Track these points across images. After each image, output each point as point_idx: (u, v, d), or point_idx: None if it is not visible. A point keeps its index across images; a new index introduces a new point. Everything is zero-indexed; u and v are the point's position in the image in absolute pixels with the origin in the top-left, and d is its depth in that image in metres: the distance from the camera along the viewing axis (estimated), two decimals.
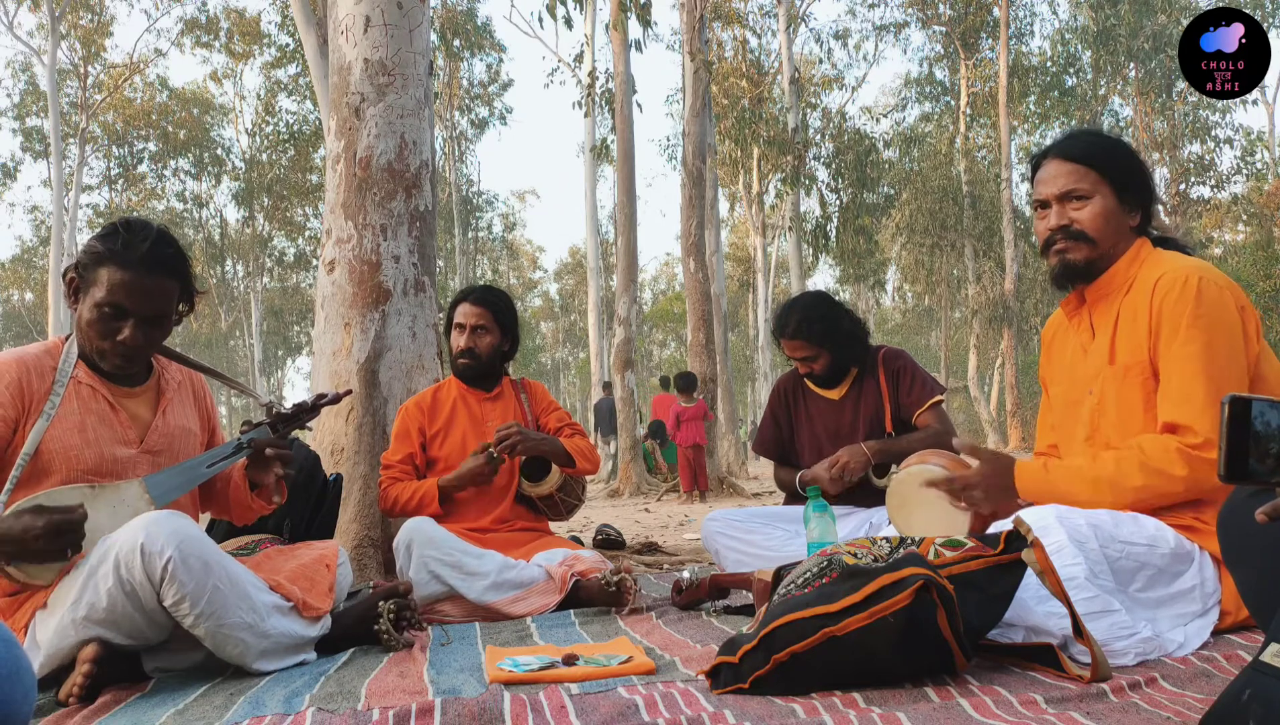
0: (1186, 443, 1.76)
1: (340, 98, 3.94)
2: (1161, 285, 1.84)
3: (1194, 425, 1.76)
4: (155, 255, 1.97)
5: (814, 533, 2.32)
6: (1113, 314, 1.93)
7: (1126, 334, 1.89)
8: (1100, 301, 1.97)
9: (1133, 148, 2.00)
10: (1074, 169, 1.95)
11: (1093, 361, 1.96)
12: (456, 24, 24.15)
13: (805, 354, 2.98)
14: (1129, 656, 1.58)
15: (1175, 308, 1.81)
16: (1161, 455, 1.78)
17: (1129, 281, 1.93)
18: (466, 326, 3.02)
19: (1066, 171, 1.95)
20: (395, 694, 1.70)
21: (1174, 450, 1.77)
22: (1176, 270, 1.84)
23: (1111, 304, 1.94)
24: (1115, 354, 1.91)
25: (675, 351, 43.47)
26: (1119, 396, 1.89)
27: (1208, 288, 1.81)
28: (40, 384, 1.99)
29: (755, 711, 1.41)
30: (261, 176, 26.78)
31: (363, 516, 3.61)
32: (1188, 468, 1.75)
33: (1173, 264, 1.86)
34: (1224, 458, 1.04)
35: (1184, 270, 1.83)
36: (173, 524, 1.82)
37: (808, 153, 18.98)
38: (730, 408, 15.97)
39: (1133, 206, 1.95)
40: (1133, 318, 1.88)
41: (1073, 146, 1.97)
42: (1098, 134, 2.05)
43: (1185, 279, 1.81)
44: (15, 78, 25.77)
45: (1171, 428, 1.80)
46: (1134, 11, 21.58)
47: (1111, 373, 1.91)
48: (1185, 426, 1.77)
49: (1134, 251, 1.94)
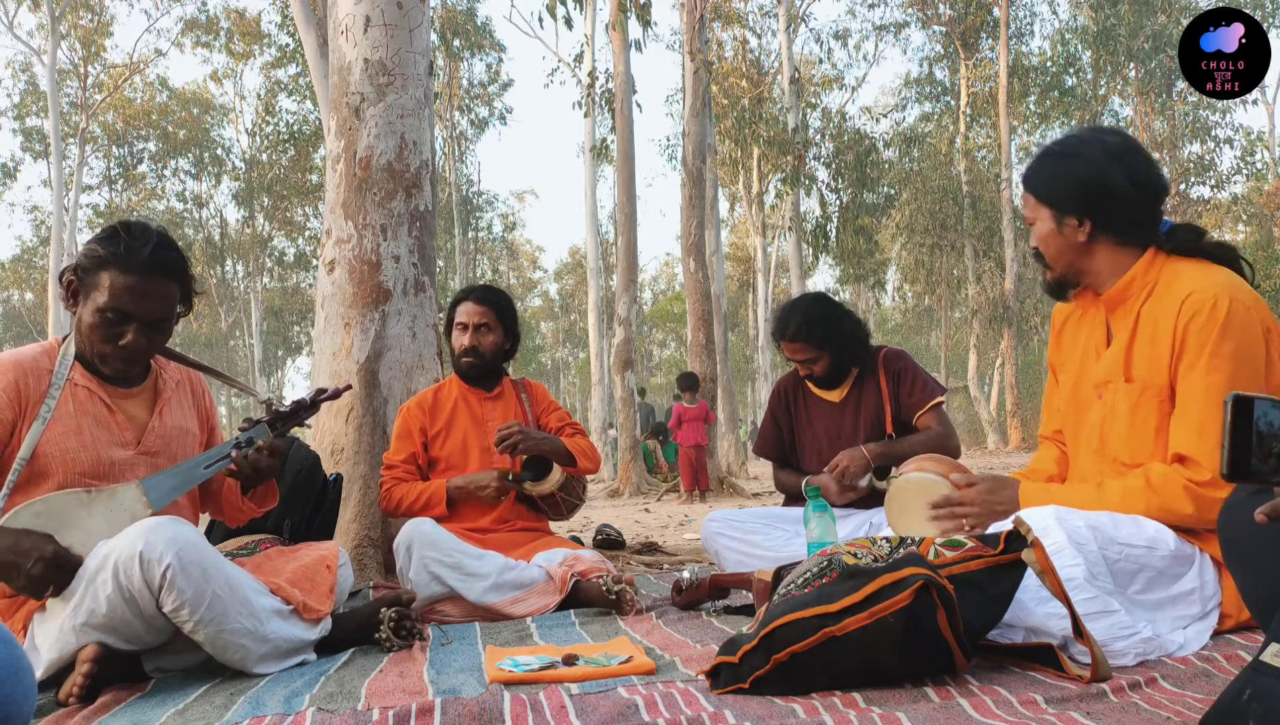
0: (1194, 478, 1.73)
1: (340, 98, 3.94)
2: (1189, 305, 1.76)
3: (1204, 462, 1.72)
4: (157, 259, 1.96)
5: (814, 533, 2.32)
6: (1131, 320, 1.88)
7: (1146, 349, 1.84)
8: (1118, 306, 1.93)
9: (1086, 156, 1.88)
10: (1025, 196, 2.00)
11: (1106, 367, 1.92)
12: (456, 24, 24.13)
13: (806, 356, 2.98)
14: (1129, 657, 1.58)
15: (1202, 332, 1.74)
16: (1168, 490, 1.75)
17: (1147, 287, 1.87)
18: (469, 325, 3.01)
19: (1024, 200, 2.01)
20: (395, 694, 1.70)
21: (1181, 487, 1.74)
22: (1205, 289, 1.76)
23: (1130, 310, 1.89)
24: (1132, 368, 1.86)
25: (675, 351, 43.46)
26: (1132, 414, 1.85)
27: (1237, 312, 1.73)
28: (37, 386, 1.98)
29: (755, 711, 1.41)
30: (261, 176, 26.77)
31: (363, 516, 3.61)
32: (1195, 505, 1.73)
33: (1202, 281, 1.78)
34: (1226, 457, 1.04)
35: (1213, 290, 1.75)
36: (171, 530, 1.81)
37: (808, 153, 18.98)
38: (730, 408, 15.96)
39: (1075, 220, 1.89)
40: (1153, 331, 1.83)
41: (1025, 174, 1.99)
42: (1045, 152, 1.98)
43: (1215, 302, 1.74)
44: (15, 78, 25.86)
45: (1181, 459, 1.76)
46: (1134, 11, 21.56)
47: (1127, 389, 1.86)
48: (1195, 462, 1.73)
49: (1148, 260, 1.88)
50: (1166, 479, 1.76)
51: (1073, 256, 1.94)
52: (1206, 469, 1.72)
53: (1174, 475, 1.75)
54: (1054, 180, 1.92)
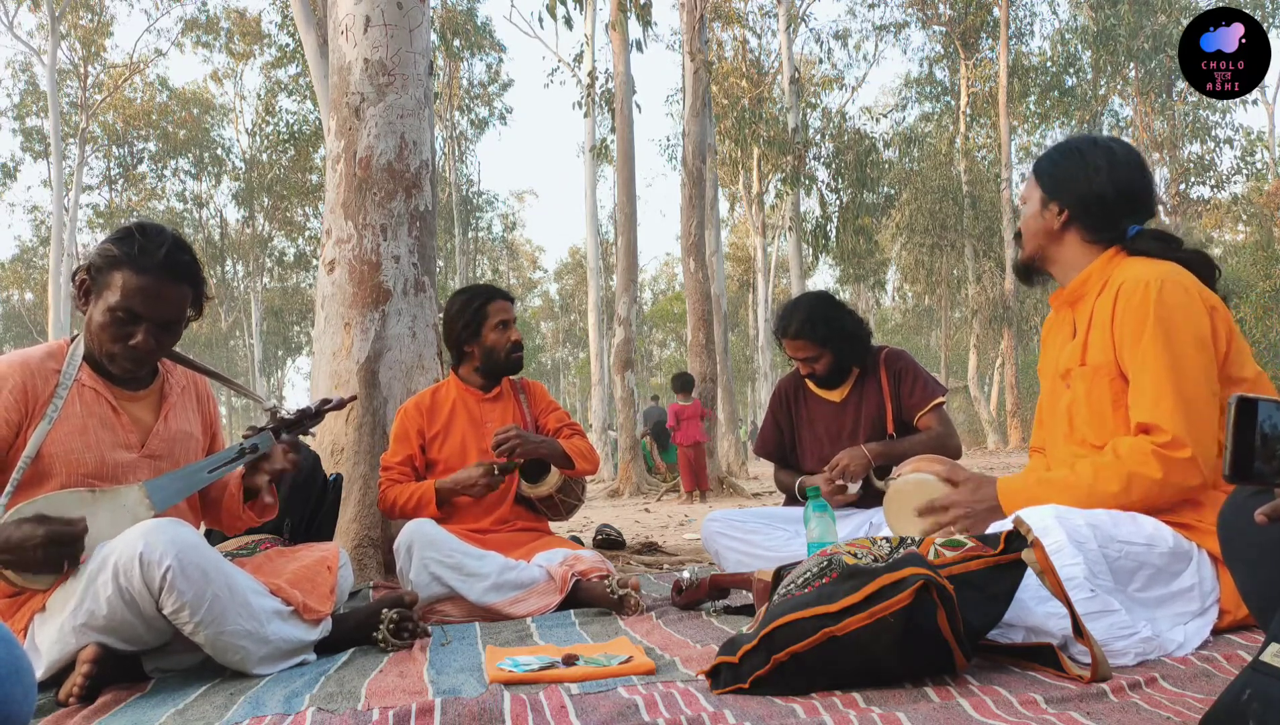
0: (1157, 442, 1.80)
1: (340, 98, 3.94)
2: (1124, 290, 1.89)
3: (1163, 424, 1.80)
4: (171, 261, 1.97)
5: (814, 533, 2.32)
6: (1088, 314, 1.99)
7: (1096, 335, 1.96)
8: (1079, 302, 2.05)
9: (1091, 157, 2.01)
10: (1028, 178, 2.11)
11: (1069, 358, 2.03)
12: (456, 24, 24.13)
13: (807, 354, 2.98)
14: (1129, 656, 1.58)
15: (1137, 312, 1.86)
16: (1136, 457, 1.81)
17: (1102, 284, 1.99)
18: (510, 321, 3.03)
19: (1026, 182, 2.13)
20: (395, 694, 1.70)
21: (1148, 452, 1.80)
22: (1139, 276, 1.89)
23: (1087, 304, 2.01)
24: (1087, 354, 1.97)
25: (675, 351, 43.46)
26: (1089, 395, 1.95)
27: (1169, 290, 1.85)
28: (44, 387, 1.98)
29: (755, 711, 1.41)
30: (261, 176, 26.77)
31: (363, 517, 3.61)
32: (1163, 468, 1.79)
33: (1137, 270, 1.91)
34: (1229, 458, 1.03)
35: (1145, 275, 1.88)
36: (172, 532, 1.81)
37: (808, 153, 18.98)
38: (730, 408, 15.96)
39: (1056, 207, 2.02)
40: (1103, 321, 1.95)
41: (1037, 159, 2.12)
42: (1062, 144, 2.12)
43: (1146, 284, 1.86)
44: (15, 78, 25.83)
45: (1144, 428, 1.84)
46: (1134, 11, 21.56)
47: (1082, 373, 1.97)
48: (1155, 426, 1.81)
49: (1107, 257, 2.00)
50: (1134, 448, 1.83)
51: (1044, 240, 2.07)
52: (1166, 431, 1.79)
53: (1140, 443, 1.82)
54: (1053, 167, 2.06)
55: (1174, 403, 1.79)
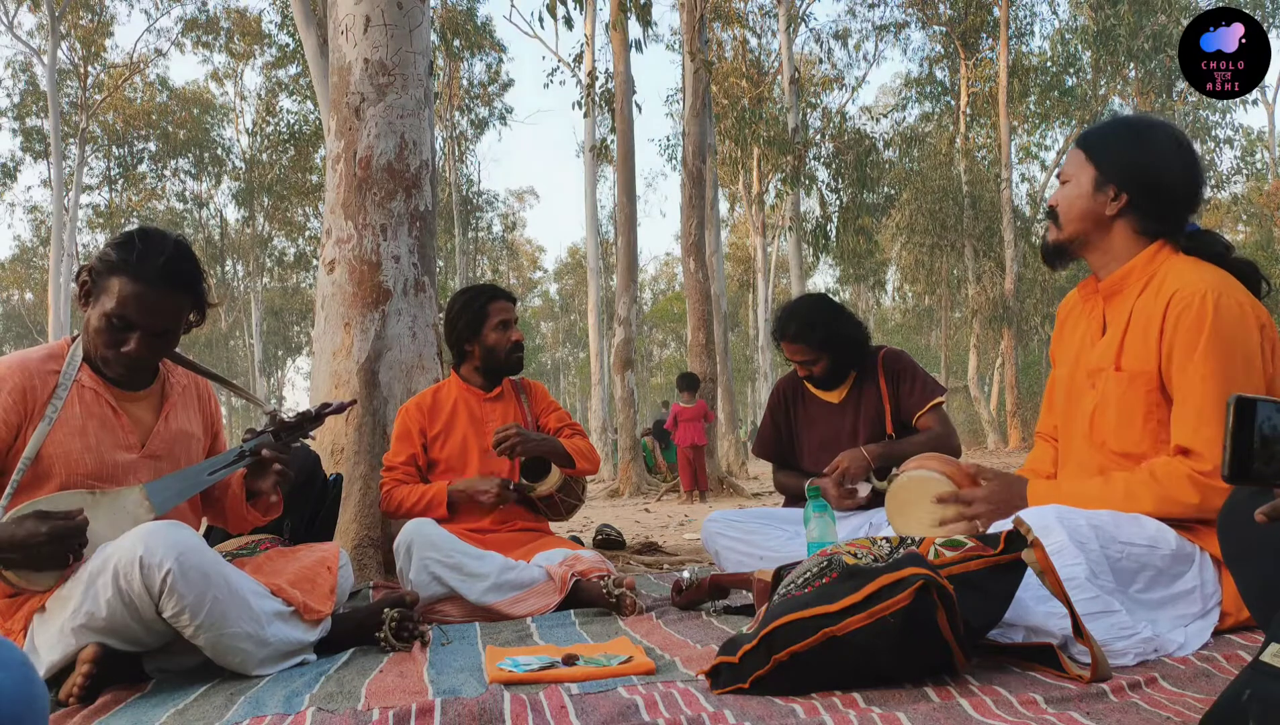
0: (1198, 469, 1.75)
1: (340, 98, 3.94)
2: (1177, 301, 1.78)
3: (1204, 452, 1.74)
4: (170, 270, 1.96)
5: (814, 533, 2.32)
6: (1126, 313, 1.90)
7: (1137, 340, 1.86)
8: (1115, 296, 1.94)
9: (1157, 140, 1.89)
10: (1073, 153, 1.98)
11: (1099, 356, 1.94)
12: (456, 24, 24.12)
13: (805, 357, 2.98)
14: (1129, 657, 1.58)
15: (1192, 329, 1.76)
16: (1173, 481, 1.77)
17: (1145, 281, 1.88)
18: (511, 321, 3.03)
19: (1070, 156, 1.99)
20: (395, 694, 1.70)
21: (1185, 477, 1.76)
22: (1193, 285, 1.78)
23: (1125, 301, 1.91)
24: (1123, 358, 1.89)
25: (675, 351, 43.46)
26: (1120, 402, 1.88)
27: (1226, 307, 1.75)
28: (44, 388, 1.98)
29: (755, 711, 1.41)
30: (261, 176, 26.77)
31: (363, 517, 3.61)
32: (1200, 495, 1.74)
33: (1189, 277, 1.80)
34: (1228, 459, 1.03)
35: (1202, 286, 1.77)
36: (172, 535, 1.81)
37: (808, 153, 18.96)
38: (730, 408, 15.96)
39: (1113, 191, 1.89)
40: (1145, 325, 1.85)
41: (1086, 133, 1.99)
42: (1118, 120, 1.99)
43: (1203, 296, 1.75)
44: (15, 78, 25.68)
45: (1184, 451, 1.78)
46: (1134, 11, 21.54)
47: (1117, 378, 1.89)
48: (1197, 453, 1.76)
49: (1152, 252, 1.90)
50: (1170, 470, 1.78)
51: (1090, 225, 1.93)
52: (1208, 460, 1.74)
53: (1178, 466, 1.78)
54: (1116, 146, 1.92)
55: (1217, 431, 1.72)
